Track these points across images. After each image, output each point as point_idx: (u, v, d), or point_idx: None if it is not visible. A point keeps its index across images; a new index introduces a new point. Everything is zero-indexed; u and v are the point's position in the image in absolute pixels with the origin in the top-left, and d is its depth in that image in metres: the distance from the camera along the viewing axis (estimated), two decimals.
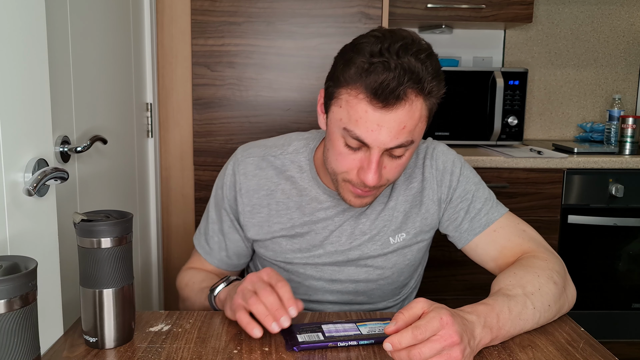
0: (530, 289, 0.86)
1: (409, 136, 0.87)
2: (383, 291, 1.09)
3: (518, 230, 1.02)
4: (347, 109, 0.86)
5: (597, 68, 2.56)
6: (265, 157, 1.07)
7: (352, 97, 0.85)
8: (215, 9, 1.87)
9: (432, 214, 1.06)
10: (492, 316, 0.79)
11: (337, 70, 0.88)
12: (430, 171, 1.05)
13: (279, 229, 1.05)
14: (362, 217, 1.05)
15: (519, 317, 0.82)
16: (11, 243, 0.73)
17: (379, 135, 0.85)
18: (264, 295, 0.81)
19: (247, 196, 1.06)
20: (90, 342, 0.79)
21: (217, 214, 1.10)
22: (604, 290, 2.10)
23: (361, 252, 1.05)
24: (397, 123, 0.84)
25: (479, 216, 1.03)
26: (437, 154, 1.06)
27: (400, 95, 0.82)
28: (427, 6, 2.10)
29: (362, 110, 0.84)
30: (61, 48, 1.11)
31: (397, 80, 0.82)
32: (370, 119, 0.84)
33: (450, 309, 0.74)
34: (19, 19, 0.74)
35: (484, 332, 0.77)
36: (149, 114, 1.77)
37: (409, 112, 0.85)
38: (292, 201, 1.05)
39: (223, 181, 1.09)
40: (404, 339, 0.69)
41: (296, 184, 1.05)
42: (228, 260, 1.12)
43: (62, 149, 1.09)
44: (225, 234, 1.10)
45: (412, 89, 0.84)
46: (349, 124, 0.86)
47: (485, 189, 1.07)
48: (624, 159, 2.02)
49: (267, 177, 1.06)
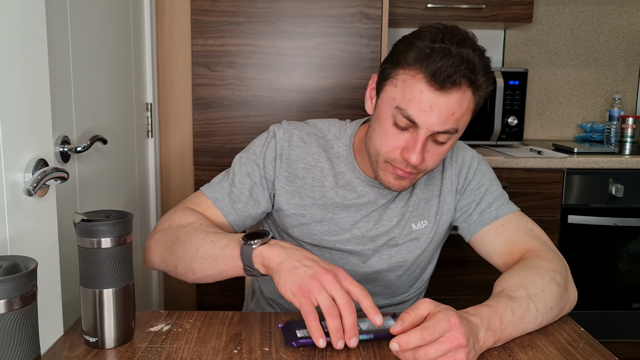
0: (533, 291, 0.86)
1: (455, 124, 0.90)
2: (401, 282, 1.11)
3: (526, 228, 1.03)
4: (402, 89, 0.90)
5: (597, 68, 2.56)
6: (311, 134, 1.09)
7: (409, 77, 0.89)
8: (215, 9, 1.87)
9: (448, 204, 1.09)
10: (496, 319, 0.79)
11: (397, 52, 0.92)
12: (450, 163, 1.10)
13: (310, 203, 1.06)
14: (390, 204, 1.07)
15: (521, 320, 0.82)
16: (11, 243, 0.73)
17: (430, 117, 0.88)
18: (347, 311, 0.76)
19: (286, 162, 1.07)
20: (90, 342, 0.79)
21: (245, 166, 1.07)
22: (604, 290, 2.10)
23: (388, 238, 1.08)
24: (448, 108, 0.88)
25: (490, 209, 1.06)
26: (457, 148, 1.11)
27: (456, 81, 0.87)
28: (427, 6, 2.10)
29: (418, 90, 0.88)
30: (61, 48, 1.11)
31: (455, 67, 0.86)
32: (425, 99, 0.88)
33: (457, 311, 0.74)
34: (19, 18, 0.74)
35: (487, 335, 0.77)
36: (149, 114, 1.77)
37: (459, 99, 0.88)
38: (327, 181, 1.07)
39: (265, 140, 1.08)
40: (412, 340, 0.69)
41: (334, 166, 1.08)
42: (239, 213, 1.05)
43: (62, 149, 1.09)
44: (249, 188, 1.06)
45: (466, 79, 0.88)
46: (402, 102, 0.90)
47: (499, 186, 1.10)
48: (624, 159, 2.02)
49: (310, 151, 1.08)
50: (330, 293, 0.77)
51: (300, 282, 0.78)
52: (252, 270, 0.85)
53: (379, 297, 1.12)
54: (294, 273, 0.79)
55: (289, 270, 0.79)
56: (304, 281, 0.78)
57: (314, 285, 0.77)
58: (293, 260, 0.81)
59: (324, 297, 0.76)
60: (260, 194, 1.06)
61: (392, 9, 2.08)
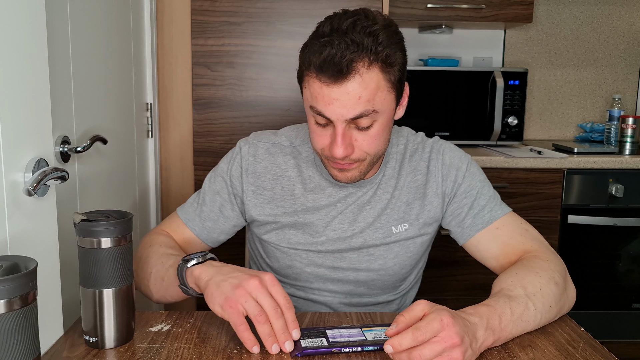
0: (531, 290, 0.86)
1: (367, 105, 0.90)
2: (383, 282, 1.10)
3: (521, 229, 1.03)
4: (309, 89, 0.93)
5: (597, 68, 2.56)
6: (276, 144, 1.11)
7: (309, 77, 0.92)
8: (215, 9, 1.87)
9: (435, 207, 1.07)
10: (495, 318, 0.79)
11: (302, 55, 0.95)
12: (436, 165, 1.08)
13: (281, 212, 1.07)
14: (366, 205, 1.07)
15: (520, 319, 0.82)
16: (11, 243, 0.73)
17: (335, 108, 0.89)
18: (273, 316, 0.77)
19: (252, 176, 1.08)
20: (90, 342, 0.79)
21: (214, 184, 1.11)
22: (604, 290, 2.10)
23: (363, 240, 1.06)
24: (350, 95, 0.88)
25: (483, 213, 1.04)
26: (444, 149, 1.09)
27: (345, 69, 0.87)
28: (427, 6, 2.10)
29: (317, 87, 0.90)
30: (61, 48, 1.11)
31: (339, 54, 0.86)
32: (324, 94, 0.90)
33: (451, 311, 0.74)
34: (19, 18, 0.74)
35: (487, 334, 0.77)
36: (149, 114, 1.77)
37: (361, 83, 0.88)
38: (296, 188, 1.07)
39: (231, 156, 1.11)
40: (404, 341, 0.69)
41: (302, 172, 1.08)
42: (209, 231, 1.10)
43: (62, 149, 1.09)
44: (219, 205, 1.09)
45: (360, 60, 0.87)
46: (312, 101, 0.92)
47: (490, 187, 1.09)
48: (624, 159, 2.02)
49: (276, 162, 1.09)
50: (256, 299, 0.78)
51: (226, 294, 0.79)
52: (188, 290, 0.88)
53: (364, 297, 1.11)
54: (220, 287, 0.80)
55: (216, 284, 0.81)
56: (229, 293, 0.79)
57: (239, 294, 0.78)
58: (220, 275, 0.82)
59: (251, 305, 0.77)
60: (229, 209, 1.10)
61: (392, 9, 2.08)
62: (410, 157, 1.09)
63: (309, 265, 1.08)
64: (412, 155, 1.09)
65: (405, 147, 1.10)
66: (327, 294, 1.10)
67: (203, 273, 0.84)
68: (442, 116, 2.20)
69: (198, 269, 0.86)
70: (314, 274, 1.08)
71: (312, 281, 1.09)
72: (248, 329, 0.78)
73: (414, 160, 1.09)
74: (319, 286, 1.10)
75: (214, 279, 0.82)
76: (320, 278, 1.09)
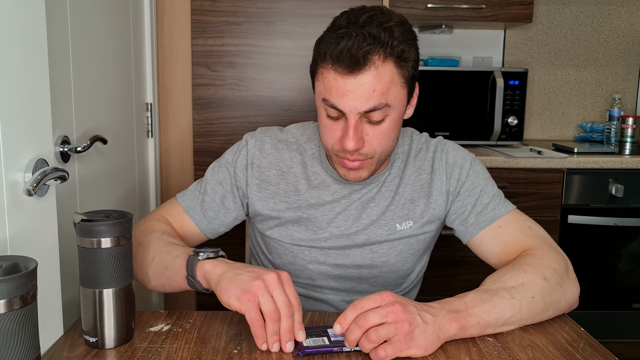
0: (511, 283, 0.87)
1: (381, 99, 0.90)
2: (386, 279, 1.10)
3: (523, 227, 1.03)
4: (322, 81, 0.93)
5: (597, 68, 2.57)
6: (283, 140, 1.11)
7: (324, 69, 0.92)
8: (215, 9, 1.87)
9: (439, 205, 1.08)
10: (458, 303, 0.82)
11: (316, 48, 0.95)
12: (440, 163, 1.08)
13: (285, 207, 1.07)
14: (370, 202, 1.07)
15: (493, 306, 0.83)
16: (11, 243, 0.73)
17: (349, 100, 0.90)
18: (285, 315, 0.78)
19: (258, 170, 1.08)
20: (90, 342, 0.79)
21: (218, 174, 1.10)
22: (604, 290, 2.10)
23: (367, 237, 1.07)
24: (364, 87, 0.89)
25: (486, 211, 1.05)
26: (447, 148, 1.10)
27: (361, 60, 0.87)
28: (427, 6, 2.10)
29: (332, 79, 0.90)
30: (61, 48, 1.11)
31: (356, 45, 0.87)
32: (339, 85, 0.90)
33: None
34: (19, 18, 0.74)
35: (449, 317, 0.79)
36: (149, 114, 1.77)
37: (375, 76, 0.89)
38: (301, 184, 1.08)
39: (237, 149, 1.11)
40: (348, 314, 0.76)
41: (307, 169, 1.09)
42: (210, 221, 1.09)
43: (62, 149, 1.09)
44: (220, 196, 1.09)
45: (375, 53, 0.88)
46: (325, 94, 0.92)
47: (494, 186, 1.09)
48: (624, 159, 2.02)
49: (282, 158, 1.09)
50: (272, 294, 0.78)
51: (243, 286, 0.79)
52: (194, 282, 0.88)
53: (366, 295, 1.11)
54: (237, 279, 0.80)
55: (231, 278, 0.81)
56: (247, 285, 0.79)
57: (258, 287, 0.78)
58: (235, 270, 0.83)
59: (267, 300, 0.78)
60: (231, 201, 1.09)
61: (392, 9, 2.07)
62: (415, 157, 1.10)
63: (311, 262, 1.08)
64: (417, 155, 1.10)
65: (410, 147, 1.11)
66: (329, 291, 1.10)
67: (215, 268, 0.85)
68: (442, 116, 2.20)
69: (209, 263, 0.86)
70: (317, 271, 1.09)
71: (314, 278, 1.09)
72: (263, 326, 0.78)
73: (419, 160, 1.09)
74: (321, 283, 1.10)
75: (227, 273, 0.82)
76: (323, 275, 1.09)
